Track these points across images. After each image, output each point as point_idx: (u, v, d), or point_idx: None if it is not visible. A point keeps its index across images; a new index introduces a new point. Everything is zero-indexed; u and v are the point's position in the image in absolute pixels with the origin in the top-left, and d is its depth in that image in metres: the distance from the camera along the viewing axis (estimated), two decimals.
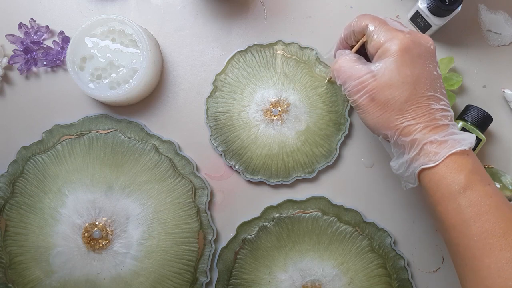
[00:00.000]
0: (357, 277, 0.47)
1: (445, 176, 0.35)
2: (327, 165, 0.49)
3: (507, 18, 0.52)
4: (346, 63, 0.40)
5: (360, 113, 0.39)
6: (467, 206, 0.34)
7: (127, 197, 0.48)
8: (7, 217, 0.48)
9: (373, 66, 0.38)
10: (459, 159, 0.35)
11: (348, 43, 0.43)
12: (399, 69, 0.37)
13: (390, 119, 0.37)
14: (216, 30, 0.52)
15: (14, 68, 0.51)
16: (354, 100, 0.39)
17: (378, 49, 0.38)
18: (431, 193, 0.36)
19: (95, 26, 0.47)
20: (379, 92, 0.37)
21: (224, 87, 0.50)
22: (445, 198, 0.35)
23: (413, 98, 0.37)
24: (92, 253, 0.47)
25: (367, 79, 0.38)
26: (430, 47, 0.39)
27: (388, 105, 0.37)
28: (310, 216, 0.48)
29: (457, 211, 0.34)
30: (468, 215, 0.34)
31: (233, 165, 0.49)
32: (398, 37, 0.37)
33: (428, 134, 0.36)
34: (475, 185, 0.34)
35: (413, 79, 0.37)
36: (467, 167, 0.35)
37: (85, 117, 0.50)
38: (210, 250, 0.48)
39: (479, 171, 0.36)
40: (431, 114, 0.37)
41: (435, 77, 0.38)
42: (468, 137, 0.37)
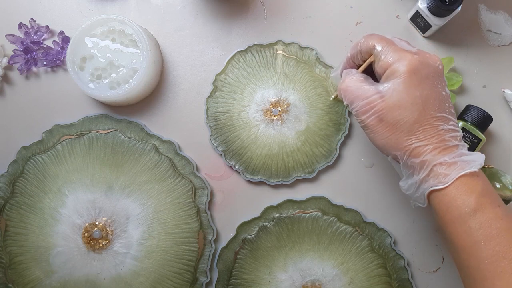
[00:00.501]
0: (357, 277, 0.47)
1: (455, 198, 0.35)
2: (327, 165, 0.49)
3: (507, 18, 0.52)
4: (353, 83, 0.39)
5: (368, 133, 0.39)
6: (477, 229, 0.34)
7: (127, 197, 0.48)
8: (7, 217, 0.48)
9: (381, 86, 0.38)
10: (469, 181, 0.35)
11: (354, 63, 0.42)
12: (408, 90, 0.36)
13: (399, 140, 0.37)
14: (216, 30, 0.52)
15: (14, 68, 0.51)
16: (362, 120, 0.39)
17: (386, 70, 0.38)
18: (441, 215, 0.36)
19: (95, 26, 0.47)
20: (388, 113, 0.37)
21: (224, 87, 0.50)
22: (455, 220, 0.35)
23: (422, 119, 0.36)
24: (92, 253, 0.47)
25: (375, 99, 0.37)
26: (438, 67, 0.38)
27: (397, 126, 0.37)
28: (310, 216, 0.48)
29: (468, 233, 0.34)
30: (479, 237, 0.34)
31: (233, 165, 0.49)
32: (406, 57, 0.37)
33: (438, 155, 0.36)
34: (485, 208, 0.34)
35: (422, 100, 0.37)
36: (477, 189, 0.35)
37: (85, 117, 0.50)
38: (210, 250, 0.48)
39: (489, 193, 0.36)
40: (440, 135, 0.36)
41: (443, 97, 0.38)
42: (477, 158, 0.36)
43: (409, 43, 0.40)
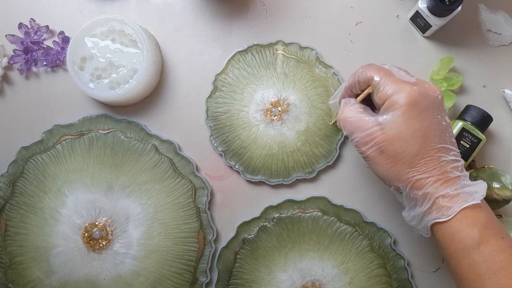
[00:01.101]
0: (357, 277, 0.47)
1: (458, 231, 0.35)
2: (327, 165, 0.49)
3: (507, 18, 0.52)
4: (352, 114, 0.39)
5: (369, 164, 0.39)
6: (481, 262, 0.34)
7: (127, 197, 0.48)
8: (7, 217, 0.48)
9: (381, 118, 0.38)
10: (472, 214, 0.35)
11: (353, 92, 0.42)
12: (408, 123, 0.36)
13: (401, 172, 0.37)
14: (216, 30, 0.52)
15: (14, 68, 0.51)
16: (362, 152, 0.39)
17: (385, 101, 0.38)
18: (445, 247, 0.36)
19: (95, 26, 0.47)
20: (388, 145, 0.37)
21: (224, 87, 0.50)
22: (459, 253, 0.35)
23: (423, 151, 0.36)
24: (92, 253, 0.47)
25: (375, 131, 0.37)
26: (438, 97, 0.38)
27: (398, 158, 0.37)
28: (310, 216, 0.48)
29: (472, 266, 0.34)
30: (483, 270, 0.34)
31: (233, 165, 0.49)
32: (406, 89, 0.37)
33: (440, 187, 0.36)
34: (489, 240, 0.34)
35: (422, 132, 0.36)
36: (480, 221, 0.35)
37: (85, 117, 0.50)
38: (210, 250, 0.48)
39: (492, 225, 0.35)
40: (442, 166, 0.36)
41: (444, 128, 0.38)
42: (480, 188, 0.36)
43: (408, 73, 0.40)
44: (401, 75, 0.39)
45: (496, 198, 0.44)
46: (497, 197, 0.43)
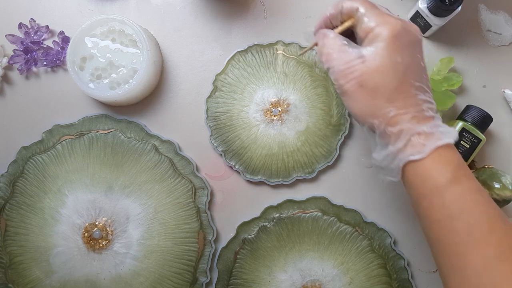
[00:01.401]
0: (357, 277, 0.47)
1: (431, 169, 0.34)
2: (327, 165, 0.49)
3: (507, 18, 0.52)
4: (335, 46, 0.38)
5: (346, 100, 0.38)
6: (453, 201, 0.33)
7: (127, 197, 0.48)
8: (7, 217, 0.48)
9: (364, 50, 0.36)
10: (446, 153, 0.35)
11: (332, 23, 0.41)
12: (391, 55, 0.36)
13: (378, 107, 0.36)
14: (216, 30, 0.52)
15: (14, 68, 0.51)
16: (340, 85, 0.37)
17: (369, 33, 0.37)
18: (415, 187, 0.36)
19: (95, 26, 0.47)
20: (369, 78, 0.36)
21: (224, 87, 0.50)
22: (431, 193, 0.34)
23: (402, 86, 0.36)
24: (92, 253, 0.47)
25: (356, 63, 0.36)
26: (418, 36, 0.38)
27: (377, 92, 0.36)
28: (310, 216, 0.48)
29: (442, 205, 0.34)
30: (453, 210, 0.33)
31: (233, 165, 0.49)
32: (390, 22, 0.36)
33: (416, 125, 0.35)
34: (460, 180, 0.34)
35: (403, 67, 0.36)
36: (453, 161, 0.34)
37: (85, 117, 0.50)
38: (210, 250, 0.48)
39: (464, 166, 0.35)
40: (418, 104, 0.36)
41: (422, 68, 0.37)
42: (451, 130, 0.36)
43: (389, 11, 0.39)
44: (384, 11, 0.38)
45: (496, 198, 0.44)
46: (497, 197, 0.43)
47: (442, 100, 0.49)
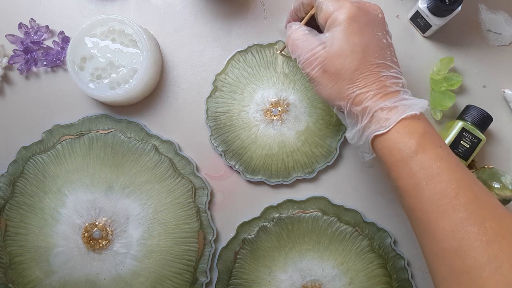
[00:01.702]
0: (357, 277, 0.47)
1: (396, 141, 0.35)
2: (327, 165, 0.49)
3: (507, 18, 0.52)
4: (298, 36, 0.40)
5: (314, 85, 0.39)
6: (418, 169, 0.34)
7: (127, 197, 0.48)
8: (7, 217, 0.48)
9: (323, 36, 0.38)
10: (410, 124, 0.35)
11: (298, 16, 0.42)
12: (348, 38, 0.37)
13: (342, 89, 0.37)
14: (216, 30, 0.52)
15: (14, 68, 0.51)
16: (307, 73, 0.39)
17: (328, 19, 0.38)
18: (384, 160, 0.36)
19: (95, 26, 0.47)
20: (330, 62, 0.37)
21: (224, 87, 0.50)
22: (398, 163, 0.35)
23: (362, 66, 0.37)
24: (92, 253, 0.47)
25: (318, 50, 0.38)
26: (378, 15, 0.39)
27: (339, 75, 0.37)
28: (310, 216, 0.48)
29: (409, 175, 0.34)
30: (420, 178, 0.34)
31: (233, 165, 0.49)
32: (346, 5, 0.37)
33: (379, 101, 0.36)
34: (426, 148, 0.34)
35: (362, 48, 0.37)
36: (418, 131, 0.35)
37: (85, 117, 0.50)
38: (210, 250, 0.48)
39: (430, 135, 0.35)
40: (381, 81, 0.36)
41: (384, 45, 0.38)
42: (418, 102, 0.37)
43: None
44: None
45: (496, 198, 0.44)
46: (497, 197, 0.44)
47: (442, 100, 0.49)
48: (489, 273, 0.30)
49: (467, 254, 0.31)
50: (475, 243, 0.31)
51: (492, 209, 0.33)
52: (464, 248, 0.31)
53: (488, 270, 0.30)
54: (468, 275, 0.31)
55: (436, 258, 0.34)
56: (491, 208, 0.33)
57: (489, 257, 0.30)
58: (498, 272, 0.30)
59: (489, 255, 0.30)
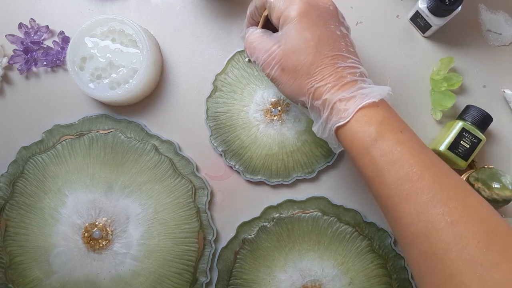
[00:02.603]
0: (357, 277, 0.47)
1: (357, 130, 0.35)
2: (327, 165, 0.49)
3: (507, 18, 0.52)
4: (254, 38, 0.40)
5: (276, 85, 0.40)
6: (379, 156, 0.34)
7: (127, 197, 0.48)
8: (7, 217, 0.48)
9: (277, 35, 0.38)
10: (369, 112, 0.35)
11: (254, 20, 0.43)
12: (300, 34, 0.37)
13: (302, 85, 0.37)
14: (216, 30, 0.52)
15: (14, 68, 0.51)
16: (268, 74, 0.39)
17: (280, 19, 0.38)
18: (348, 150, 0.37)
19: (95, 26, 0.47)
20: (286, 60, 0.37)
21: (224, 87, 0.50)
22: (360, 152, 0.35)
23: (317, 60, 0.37)
24: (92, 253, 0.47)
25: (274, 50, 0.38)
26: (329, 8, 0.39)
27: (296, 71, 0.37)
28: (310, 216, 0.48)
29: (372, 162, 0.35)
30: (382, 164, 0.34)
31: (233, 165, 0.49)
32: (295, 2, 0.37)
33: (337, 92, 0.36)
34: (385, 135, 0.34)
35: (315, 42, 0.37)
36: (377, 118, 0.35)
37: (85, 117, 0.50)
38: (210, 250, 0.48)
39: (390, 121, 0.35)
40: (337, 73, 0.37)
41: (338, 37, 0.38)
42: (377, 89, 0.37)
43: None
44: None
45: (496, 198, 0.44)
46: (497, 197, 0.44)
47: (442, 100, 0.49)
48: (456, 253, 0.30)
49: (433, 236, 0.31)
50: (440, 224, 0.31)
51: (456, 189, 0.32)
52: (431, 231, 0.31)
53: (455, 250, 0.30)
54: (436, 256, 0.31)
55: (406, 242, 0.33)
56: (455, 188, 0.32)
57: (454, 237, 0.30)
58: (465, 252, 0.30)
59: (454, 235, 0.30)
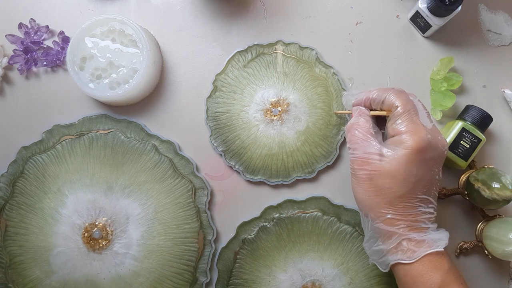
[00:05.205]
0: (357, 277, 0.47)
1: (422, 274, 0.37)
2: (327, 165, 0.49)
3: (507, 18, 0.52)
4: (362, 131, 0.40)
5: (354, 182, 0.40)
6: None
7: (127, 197, 0.48)
8: (7, 217, 0.48)
9: (385, 149, 0.38)
10: (435, 259, 0.37)
11: (371, 104, 0.42)
12: (407, 166, 0.37)
13: (378, 204, 0.38)
14: (216, 30, 0.52)
15: (14, 68, 0.51)
16: (354, 169, 0.40)
17: (396, 135, 0.38)
18: (406, 285, 0.38)
19: (95, 26, 0.47)
20: (379, 176, 0.38)
21: (224, 87, 0.50)
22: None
23: (407, 196, 0.37)
24: (92, 253, 0.47)
25: (374, 158, 0.38)
26: (443, 152, 0.39)
27: (382, 192, 0.38)
28: (310, 216, 0.48)
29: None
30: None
31: (233, 165, 0.49)
32: (419, 134, 0.37)
33: (408, 232, 0.37)
34: (449, 285, 0.36)
35: (415, 179, 0.37)
36: (443, 267, 0.37)
37: (85, 117, 0.50)
38: (210, 250, 0.48)
39: (453, 271, 0.37)
40: (417, 215, 0.38)
41: (434, 182, 0.39)
42: (444, 236, 0.38)
43: (429, 115, 0.40)
44: (423, 115, 0.39)
45: (496, 198, 0.43)
46: (497, 197, 0.43)
47: (442, 100, 0.49)
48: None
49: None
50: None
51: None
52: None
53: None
54: None
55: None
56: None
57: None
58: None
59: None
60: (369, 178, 0.38)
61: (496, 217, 0.48)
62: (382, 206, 0.38)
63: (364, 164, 0.38)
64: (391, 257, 0.38)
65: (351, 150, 0.40)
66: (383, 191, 0.38)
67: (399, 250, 0.38)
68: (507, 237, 0.44)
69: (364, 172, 0.38)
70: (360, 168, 0.39)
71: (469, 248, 0.48)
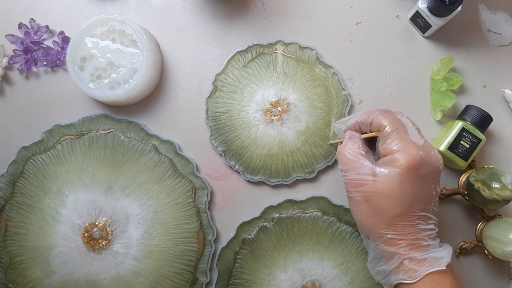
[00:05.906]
0: (357, 277, 0.47)
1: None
2: (327, 165, 0.49)
3: (507, 18, 0.52)
4: (352, 153, 0.39)
5: (351, 205, 0.40)
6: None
7: (127, 197, 0.48)
8: (7, 217, 0.48)
9: (377, 169, 0.38)
10: (437, 278, 0.37)
11: (361, 128, 0.42)
12: (401, 184, 0.37)
13: (377, 225, 0.38)
14: (216, 30, 0.52)
15: (14, 68, 0.51)
16: (349, 192, 0.39)
17: (387, 154, 0.38)
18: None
19: (95, 26, 0.47)
20: (375, 197, 0.37)
21: (224, 87, 0.50)
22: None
23: (405, 214, 0.37)
24: (92, 253, 0.47)
25: (367, 179, 0.38)
26: (438, 168, 0.39)
27: (379, 212, 0.37)
28: (310, 216, 0.48)
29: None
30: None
31: (233, 165, 0.49)
32: (410, 152, 0.37)
33: (409, 251, 0.37)
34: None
35: (411, 197, 0.37)
36: (445, 286, 0.36)
37: (85, 117, 0.50)
38: (210, 250, 0.48)
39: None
40: (416, 233, 0.37)
41: (432, 197, 0.38)
42: (446, 254, 0.38)
43: (419, 131, 0.40)
44: (413, 132, 0.39)
45: (496, 198, 0.43)
46: (497, 197, 0.43)
47: (442, 100, 0.49)
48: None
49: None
50: None
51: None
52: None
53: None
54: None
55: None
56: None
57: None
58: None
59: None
60: (365, 199, 0.38)
61: (496, 217, 0.48)
62: (381, 227, 0.38)
63: (358, 186, 0.38)
64: (394, 277, 0.38)
65: (343, 173, 0.40)
66: (381, 211, 0.37)
67: (400, 270, 0.37)
68: (507, 237, 0.44)
69: (360, 194, 0.38)
70: (355, 190, 0.38)
71: (469, 248, 0.48)
